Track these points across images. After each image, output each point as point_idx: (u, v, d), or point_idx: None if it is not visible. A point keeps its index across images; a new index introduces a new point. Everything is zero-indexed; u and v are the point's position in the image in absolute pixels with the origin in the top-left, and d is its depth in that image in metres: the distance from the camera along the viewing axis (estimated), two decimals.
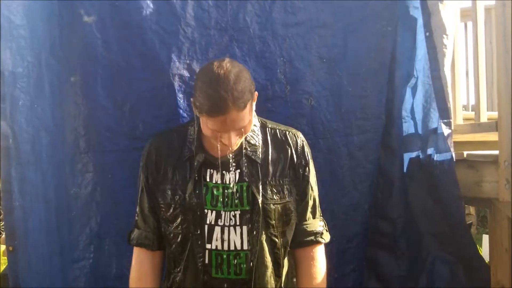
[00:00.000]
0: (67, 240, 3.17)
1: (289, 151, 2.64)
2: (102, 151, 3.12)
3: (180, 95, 3.11)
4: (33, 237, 3.17)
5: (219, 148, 2.46)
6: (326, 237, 2.74)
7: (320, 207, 2.77)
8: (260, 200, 2.51)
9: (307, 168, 2.68)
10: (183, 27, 3.12)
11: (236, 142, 2.45)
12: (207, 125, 2.38)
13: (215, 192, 2.54)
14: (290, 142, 2.66)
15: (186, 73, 3.11)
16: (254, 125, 2.62)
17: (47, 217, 3.17)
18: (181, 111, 3.10)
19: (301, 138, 2.71)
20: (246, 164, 2.54)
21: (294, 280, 2.72)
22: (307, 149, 2.70)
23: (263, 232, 2.53)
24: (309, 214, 2.70)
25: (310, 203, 2.71)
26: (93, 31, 3.06)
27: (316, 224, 2.72)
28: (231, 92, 2.28)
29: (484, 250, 6.08)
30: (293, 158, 2.64)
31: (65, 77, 3.09)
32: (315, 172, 2.75)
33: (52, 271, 3.19)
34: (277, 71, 3.26)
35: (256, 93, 2.50)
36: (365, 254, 3.53)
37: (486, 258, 3.98)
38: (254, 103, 2.50)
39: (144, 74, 3.10)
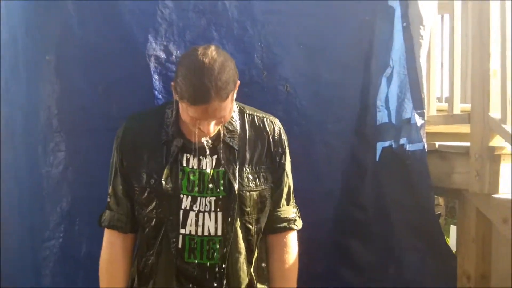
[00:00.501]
0: (38, 219, 3.15)
1: (267, 138, 2.63)
2: (75, 131, 3.09)
3: (156, 77, 3.08)
4: (5, 216, 3.15)
5: (196, 134, 2.44)
6: (299, 223, 2.75)
7: (293, 194, 2.77)
8: (236, 187, 2.50)
9: (284, 156, 2.67)
10: (161, 8, 3.09)
11: (215, 130, 2.44)
12: (187, 111, 2.35)
13: (191, 177, 2.52)
14: (268, 129, 2.65)
15: (162, 55, 3.08)
16: (233, 111, 2.59)
17: (20, 196, 3.16)
18: (156, 92, 3.08)
19: (278, 126, 2.70)
20: (223, 150, 2.53)
21: (264, 265, 2.72)
22: (284, 137, 2.69)
23: (238, 219, 2.52)
24: (283, 201, 2.71)
25: (285, 190, 2.71)
26: (69, 10, 3.03)
27: (290, 211, 2.73)
28: (215, 82, 2.25)
29: (452, 241, 6.13)
30: (270, 146, 2.63)
31: (40, 56, 3.06)
32: (290, 159, 2.75)
33: (23, 249, 3.19)
34: (255, 56, 3.24)
35: (239, 82, 2.46)
36: (337, 241, 3.55)
37: (454, 249, 4.03)
38: (235, 92, 2.47)
39: (120, 55, 3.07)
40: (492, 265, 3.57)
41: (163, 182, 2.49)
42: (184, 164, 2.54)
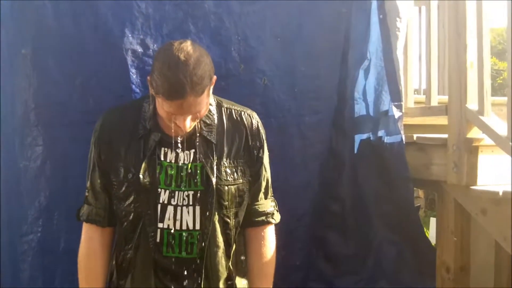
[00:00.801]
0: (15, 213, 3.14)
1: (244, 132, 2.62)
2: (52, 124, 3.07)
3: (133, 70, 3.07)
4: None
5: (172, 129, 2.43)
6: (277, 217, 2.75)
7: (271, 187, 2.78)
8: (214, 181, 2.49)
9: (262, 149, 2.67)
10: (137, 1, 3.08)
11: (190, 125, 2.43)
12: (162, 107, 2.34)
13: (169, 171, 2.51)
14: (246, 123, 2.64)
15: (139, 48, 3.08)
16: (210, 104, 2.57)
17: None
18: (133, 86, 3.07)
19: (256, 119, 2.69)
20: (200, 144, 2.52)
21: (243, 257, 2.73)
22: (262, 130, 2.69)
23: (216, 213, 2.52)
24: (261, 195, 2.71)
25: (263, 184, 2.70)
26: (45, 4, 3.01)
27: (268, 204, 2.73)
28: (190, 77, 2.24)
29: (431, 233, 6.17)
30: (248, 140, 2.62)
31: (16, 49, 3.04)
32: (268, 153, 2.75)
33: (1, 244, 3.16)
34: (232, 49, 3.24)
35: (215, 77, 2.45)
36: (314, 233, 3.56)
37: (433, 241, 4.05)
38: (212, 87, 2.46)
39: (97, 48, 3.05)
40: (471, 257, 3.58)
41: (141, 176, 2.48)
42: (162, 158, 2.52)
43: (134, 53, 3.08)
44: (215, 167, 2.51)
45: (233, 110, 2.66)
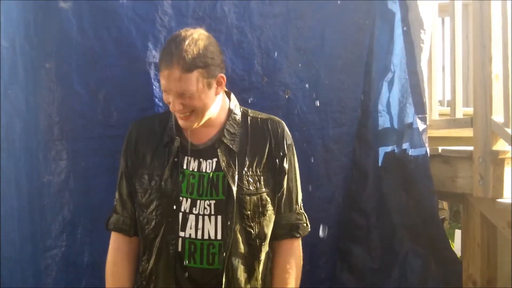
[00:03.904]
0: (39, 227, 3.13)
1: (268, 140, 2.61)
2: (75, 138, 3.07)
3: (156, 84, 3.07)
4: (4, 224, 3.14)
5: (179, 122, 2.50)
6: (303, 231, 2.71)
7: (299, 200, 2.74)
8: (235, 190, 2.48)
9: (285, 158, 2.63)
10: (160, 15, 3.09)
11: (191, 121, 2.45)
12: (162, 88, 2.44)
13: (191, 180, 2.51)
14: (271, 130, 2.63)
15: None
16: (235, 114, 2.61)
17: (19, 204, 3.13)
18: (156, 99, 3.07)
19: (282, 128, 2.67)
20: (223, 153, 2.51)
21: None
22: (287, 140, 2.66)
23: (238, 223, 2.50)
24: (283, 207, 2.67)
25: (286, 194, 2.66)
26: (69, 17, 3.01)
27: (292, 217, 2.69)
28: (180, 51, 2.34)
29: (457, 245, 6.11)
30: (272, 148, 2.61)
31: (39, 63, 3.04)
32: (296, 164, 2.72)
33: (23, 258, 3.15)
34: (255, 61, 3.25)
35: (223, 76, 2.49)
36: (339, 246, 3.54)
37: (458, 253, 4.02)
38: (220, 88, 2.51)
39: (120, 62, 3.06)
40: (497, 270, 3.55)
41: (163, 184, 2.50)
42: (185, 167, 2.54)
43: (157, 66, 3.04)
44: (236, 176, 2.50)
45: (258, 119, 2.66)
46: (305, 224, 2.72)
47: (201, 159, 2.54)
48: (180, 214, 2.50)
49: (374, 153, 3.56)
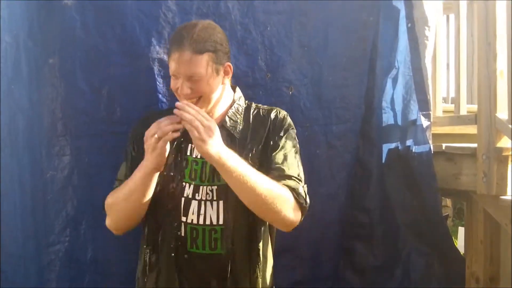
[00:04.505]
0: (42, 223, 3.13)
1: (268, 124, 2.59)
2: (79, 135, 3.07)
3: (160, 80, 3.07)
4: (7, 220, 3.15)
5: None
6: (297, 188, 2.46)
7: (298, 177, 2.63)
8: None
9: (282, 139, 2.56)
10: (164, 11, 3.09)
11: (189, 94, 2.42)
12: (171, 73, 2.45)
13: (194, 166, 2.52)
14: (272, 118, 2.61)
15: (166, 58, 3.07)
16: (239, 104, 2.63)
17: (22, 200, 3.14)
18: (160, 96, 3.07)
19: (283, 115, 2.65)
20: (224, 138, 2.43)
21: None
22: (286, 124, 2.61)
23: (239, 207, 2.47)
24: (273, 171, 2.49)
25: (279, 160, 2.52)
26: (72, 14, 3.01)
27: (286, 177, 2.49)
28: (192, 34, 2.38)
29: (460, 242, 6.10)
30: (269, 132, 2.58)
31: (43, 59, 3.04)
32: (295, 146, 2.61)
33: (26, 254, 3.17)
34: (258, 58, 3.25)
35: (230, 65, 2.52)
36: (342, 244, 3.54)
37: (462, 250, 4.01)
38: (226, 78, 2.54)
39: (123, 58, 3.06)
40: (500, 267, 3.54)
41: (167, 169, 2.49)
42: (188, 153, 2.55)
43: (161, 62, 3.08)
44: None
45: (260, 109, 2.67)
46: (304, 193, 2.50)
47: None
48: (183, 199, 2.51)
49: (378, 150, 3.55)
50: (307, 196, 2.49)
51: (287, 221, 2.41)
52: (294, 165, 2.53)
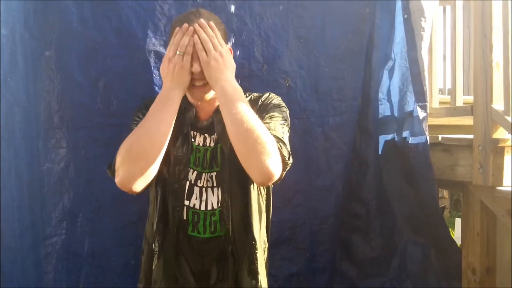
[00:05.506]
0: (39, 216, 3.14)
1: (258, 105, 2.58)
2: (75, 127, 3.08)
3: (156, 72, 3.08)
4: (4, 213, 3.15)
5: (192, 95, 2.50)
6: (280, 143, 2.39)
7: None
8: (227, 159, 2.47)
9: (271, 111, 2.55)
10: (160, 3, 3.09)
11: (199, 71, 2.41)
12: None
13: (197, 153, 2.55)
14: (262, 99, 2.62)
15: (162, 50, 3.08)
16: None
17: (19, 193, 3.14)
18: (156, 88, 3.07)
19: (273, 95, 2.66)
20: (219, 125, 2.48)
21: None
22: (277, 101, 2.62)
23: (235, 189, 2.51)
24: None
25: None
26: (69, 6, 3.02)
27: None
28: (198, 13, 2.44)
29: (457, 234, 6.11)
30: (259, 109, 2.55)
31: (39, 51, 3.04)
32: (284, 119, 2.57)
33: (23, 247, 3.17)
34: (255, 49, 3.25)
35: (230, 48, 2.57)
36: (338, 236, 3.55)
37: (459, 242, 4.02)
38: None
39: (120, 51, 3.06)
40: (497, 258, 3.55)
41: (174, 150, 2.51)
42: (193, 140, 2.57)
43: (157, 55, 3.08)
44: (229, 143, 2.41)
45: (252, 96, 2.67)
46: (286, 150, 2.42)
47: (206, 134, 2.58)
48: (188, 183, 2.54)
49: (375, 141, 3.55)
50: (291, 156, 2.42)
51: (265, 169, 2.27)
52: (279, 130, 2.47)
